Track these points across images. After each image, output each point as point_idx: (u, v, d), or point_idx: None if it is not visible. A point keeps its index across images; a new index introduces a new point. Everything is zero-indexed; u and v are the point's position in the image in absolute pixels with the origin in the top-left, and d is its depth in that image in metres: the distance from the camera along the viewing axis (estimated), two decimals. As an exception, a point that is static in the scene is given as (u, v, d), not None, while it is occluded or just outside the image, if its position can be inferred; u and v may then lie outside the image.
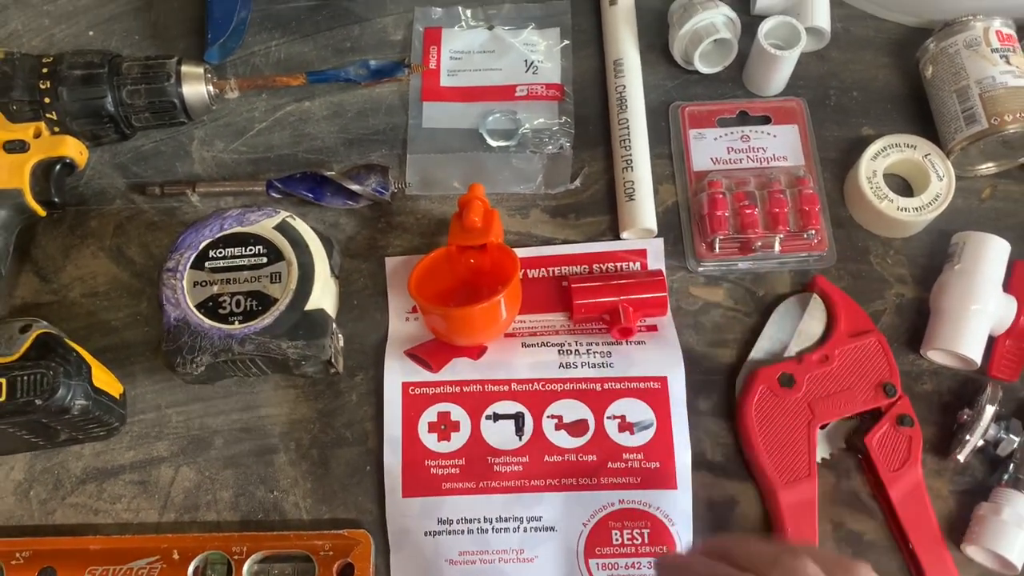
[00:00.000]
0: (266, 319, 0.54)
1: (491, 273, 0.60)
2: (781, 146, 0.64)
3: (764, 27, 0.62)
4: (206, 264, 0.56)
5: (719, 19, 0.64)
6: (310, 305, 0.55)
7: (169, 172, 0.65)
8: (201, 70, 0.62)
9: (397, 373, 0.57)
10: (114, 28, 0.69)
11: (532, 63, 0.67)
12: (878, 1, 0.68)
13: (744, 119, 0.65)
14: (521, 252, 0.61)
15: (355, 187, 0.62)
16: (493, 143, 0.65)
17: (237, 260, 0.56)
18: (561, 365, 0.57)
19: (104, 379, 0.55)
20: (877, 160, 0.61)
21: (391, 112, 0.66)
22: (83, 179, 0.64)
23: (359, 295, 0.61)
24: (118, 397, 0.57)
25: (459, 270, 0.60)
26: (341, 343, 0.57)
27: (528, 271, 0.61)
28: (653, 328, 0.59)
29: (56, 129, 0.60)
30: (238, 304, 0.55)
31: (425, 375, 0.57)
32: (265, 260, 0.56)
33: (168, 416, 0.59)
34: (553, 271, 0.61)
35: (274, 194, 0.63)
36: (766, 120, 0.65)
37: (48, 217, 0.61)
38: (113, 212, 0.64)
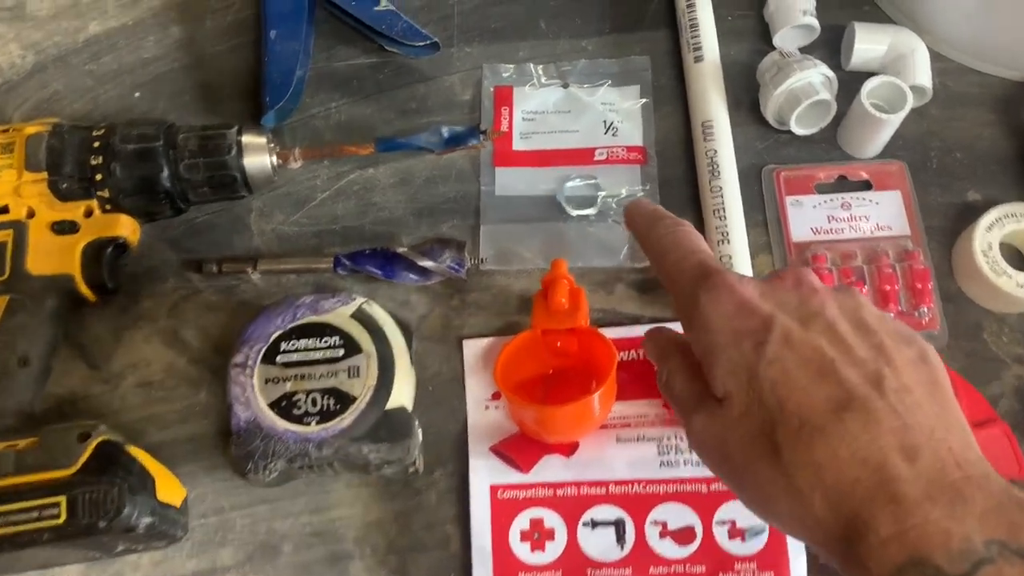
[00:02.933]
0: (345, 419, 0.49)
1: (580, 357, 0.55)
2: (885, 214, 0.59)
3: (867, 87, 0.58)
4: (278, 358, 0.51)
5: (817, 79, 0.59)
6: (391, 403, 0.50)
7: (226, 247, 0.60)
8: (263, 140, 0.57)
9: (483, 474, 0.53)
10: (162, 89, 0.65)
11: (611, 124, 0.63)
12: (980, 55, 0.63)
13: (842, 183, 0.61)
14: (607, 332, 0.57)
15: (429, 264, 0.57)
16: (572, 212, 0.60)
17: (312, 353, 0.51)
18: (662, 463, 0.53)
19: (168, 488, 0.50)
20: (992, 231, 0.56)
21: (462, 179, 0.62)
22: (136, 256, 0.60)
23: (434, 381, 0.57)
24: (180, 505, 0.52)
25: (545, 355, 0.55)
26: (420, 439, 0.53)
27: (617, 352, 0.57)
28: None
29: (108, 207, 0.56)
30: (314, 403, 0.50)
31: (514, 476, 0.52)
32: (342, 353, 0.51)
33: (232, 520, 0.54)
34: (644, 353, 0.57)
35: (341, 271, 0.58)
36: (867, 186, 0.60)
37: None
38: (167, 292, 0.59)
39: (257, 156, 0.57)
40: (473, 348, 0.57)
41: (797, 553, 0.51)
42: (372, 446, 0.49)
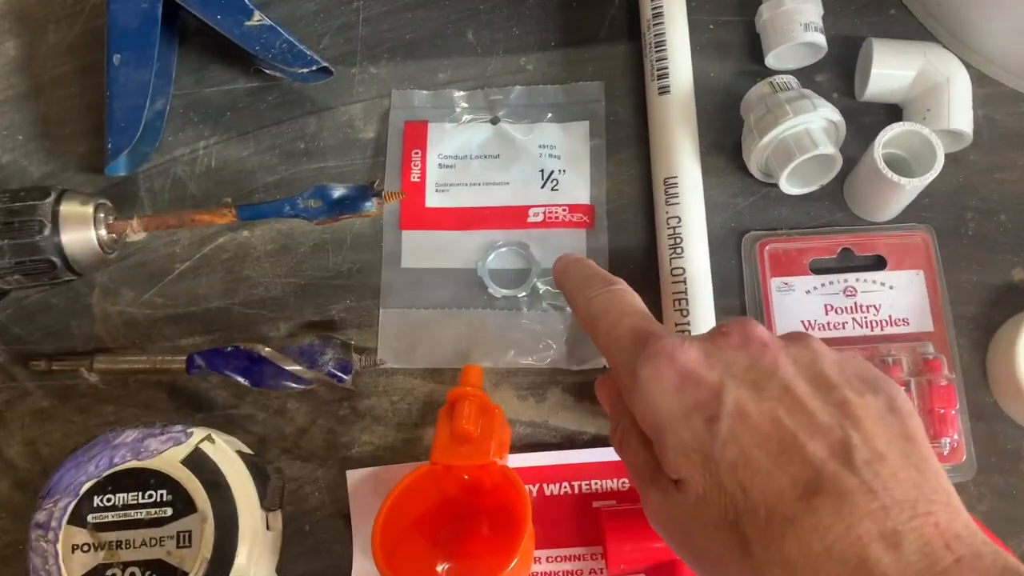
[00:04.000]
0: (170, 606, 0.38)
1: (493, 495, 0.43)
2: (901, 303, 0.45)
3: (882, 138, 0.43)
4: (89, 518, 0.39)
5: (816, 124, 0.45)
6: (232, 582, 0.39)
7: (63, 333, 0.48)
8: (90, 209, 0.44)
9: (361, 659, 0.41)
10: (-9, 124, 0.52)
11: (551, 174, 0.49)
12: (1040, 80, 0.48)
13: (847, 258, 0.47)
14: (531, 458, 0.45)
15: (302, 371, 0.45)
16: (497, 292, 0.47)
17: (132, 512, 0.40)
18: (594, 651, 0.41)
19: None
20: (1043, 334, 0.43)
21: (359, 246, 0.49)
22: (-54, 346, 0.48)
23: (312, 516, 0.45)
24: None
25: (449, 489, 0.43)
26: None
27: (544, 486, 0.45)
28: None
29: None
30: (132, 581, 0.39)
31: (402, 665, 0.41)
32: (170, 512, 0.39)
33: None
34: (579, 486, 0.44)
35: (196, 373, 0.46)
36: (879, 263, 0.46)
37: None
38: (-13, 394, 0.47)
39: (80, 231, 0.44)
40: (360, 479, 0.45)
41: None
42: (204, 643, 0.38)
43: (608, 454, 0.45)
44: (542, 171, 0.49)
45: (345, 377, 0.45)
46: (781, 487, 0.29)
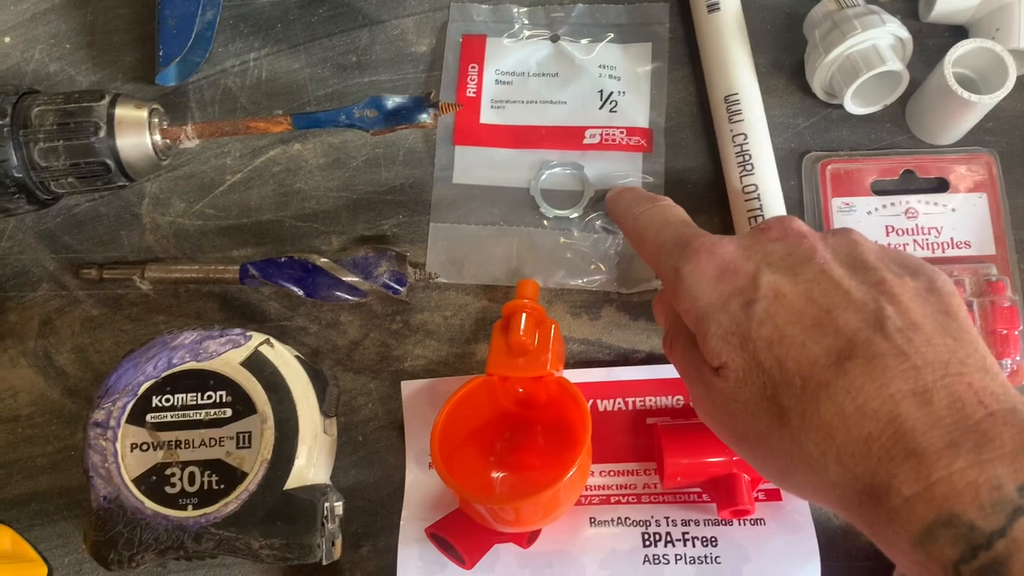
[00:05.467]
0: (230, 504, 0.38)
1: (548, 409, 0.43)
2: (963, 225, 0.45)
3: (952, 55, 0.43)
4: (148, 417, 0.39)
5: (885, 41, 0.44)
6: (291, 482, 0.39)
7: (112, 243, 0.48)
8: (145, 113, 0.44)
9: (415, 564, 0.41)
10: (37, 32, 0.51)
11: (609, 95, 0.48)
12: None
13: (909, 181, 0.46)
14: (586, 374, 0.44)
15: (359, 281, 0.44)
16: (549, 212, 0.47)
17: (191, 413, 0.39)
18: (646, 559, 0.41)
19: (18, 573, 0.40)
20: (1109, 257, 0.42)
21: (411, 161, 0.48)
22: (-5, 254, 0.48)
23: (365, 427, 0.45)
24: (38, 587, 0.42)
25: (504, 403, 0.43)
26: (340, 512, 0.41)
27: (598, 401, 0.44)
28: (775, 495, 0.42)
29: (-56, 202, 0.43)
30: (192, 479, 0.39)
31: (454, 571, 0.41)
32: (229, 413, 0.39)
33: (111, 596, 0.44)
34: (634, 403, 0.44)
35: (250, 283, 0.46)
36: (941, 185, 0.46)
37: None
38: (38, 302, 0.47)
39: (135, 136, 0.43)
40: (414, 391, 0.45)
41: None
42: (264, 541, 0.38)
43: (662, 371, 0.44)
44: (601, 92, 0.48)
45: (400, 289, 0.45)
46: (815, 356, 0.30)
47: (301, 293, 0.45)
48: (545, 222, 0.47)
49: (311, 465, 0.40)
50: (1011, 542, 0.25)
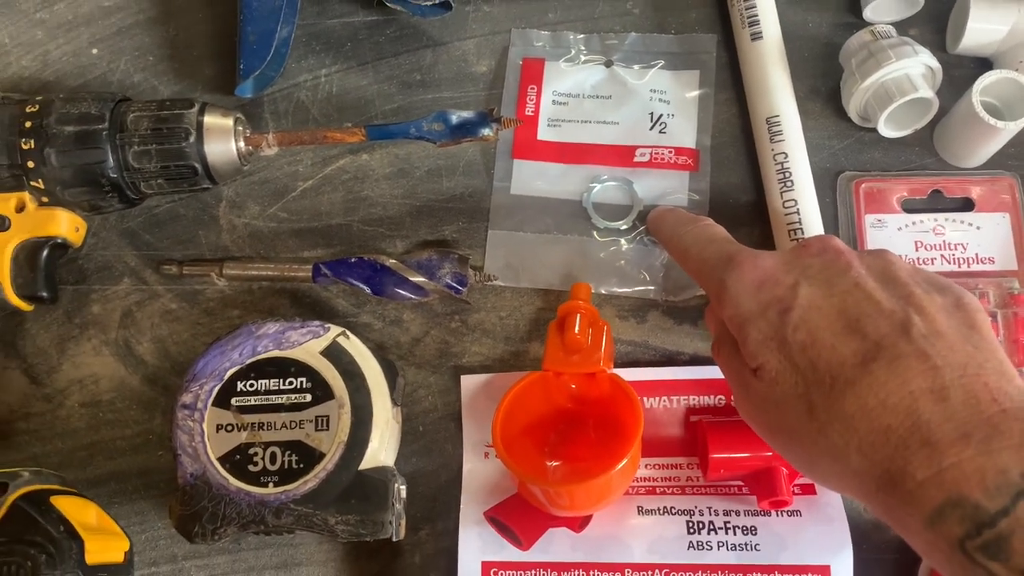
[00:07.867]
0: (309, 482, 0.41)
1: (600, 404, 0.46)
2: (987, 242, 0.48)
3: (980, 84, 0.46)
4: (233, 401, 0.43)
5: (917, 70, 0.47)
6: (365, 463, 0.42)
7: (190, 242, 0.51)
8: (230, 121, 0.47)
9: (474, 546, 0.44)
10: (123, 45, 0.55)
11: (659, 117, 0.51)
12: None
13: (936, 200, 0.49)
14: (635, 372, 0.48)
15: (423, 280, 0.48)
16: (600, 223, 0.50)
17: (273, 397, 0.43)
18: (691, 545, 0.44)
19: (103, 545, 0.43)
20: (1124, 275, 0.45)
21: (471, 172, 0.52)
22: (83, 249, 0.51)
23: (425, 418, 0.48)
24: (123, 560, 0.44)
25: (558, 398, 0.46)
26: (403, 495, 0.44)
27: (644, 399, 0.47)
28: (810, 489, 0.45)
29: (44, 199, 0.47)
30: (273, 459, 0.42)
31: (511, 552, 0.44)
32: (309, 398, 0.42)
33: (185, 571, 0.47)
34: (678, 400, 0.47)
35: (321, 281, 0.49)
36: (967, 205, 0.49)
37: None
38: (120, 295, 0.50)
39: (221, 142, 0.47)
40: (473, 385, 0.48)
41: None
42: (339, 517, 0.41)
43: (705, 372, 0.47)
44: (651, 114, 0.52)
45: (461, 289, 0.48)
46: (843, 357, 0.33)
47: (369, 291, 0.48)
48: (595, 232, 0.50)
49: (383, 448, 0.43)
50: (1013, 520, 0.28)
